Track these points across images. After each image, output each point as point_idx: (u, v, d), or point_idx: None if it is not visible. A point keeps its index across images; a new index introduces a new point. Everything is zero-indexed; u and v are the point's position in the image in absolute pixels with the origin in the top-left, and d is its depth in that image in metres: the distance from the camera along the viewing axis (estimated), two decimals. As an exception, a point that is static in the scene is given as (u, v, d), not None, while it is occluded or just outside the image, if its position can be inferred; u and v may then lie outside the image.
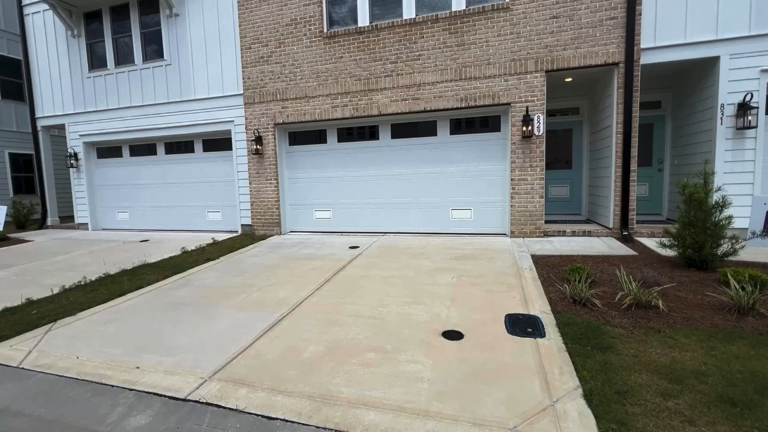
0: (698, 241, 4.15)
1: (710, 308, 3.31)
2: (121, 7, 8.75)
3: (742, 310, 3.16)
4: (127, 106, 8.86)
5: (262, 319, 3.43)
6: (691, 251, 4.25)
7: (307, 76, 7.40)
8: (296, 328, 3.23)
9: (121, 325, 3.48)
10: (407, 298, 3.83)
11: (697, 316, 3.18)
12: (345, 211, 7.68)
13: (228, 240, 7.42)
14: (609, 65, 5.98)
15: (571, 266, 4.12)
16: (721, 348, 2.67)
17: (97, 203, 9.69)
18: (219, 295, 4.17)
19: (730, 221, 4.10)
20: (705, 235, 4.13)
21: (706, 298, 3.50)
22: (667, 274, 4.09)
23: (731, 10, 5.49)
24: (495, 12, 6.30)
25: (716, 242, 4.15)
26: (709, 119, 5.87)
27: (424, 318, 3.33)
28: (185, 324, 3.42)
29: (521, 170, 6.35)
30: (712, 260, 4.20)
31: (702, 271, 4.23)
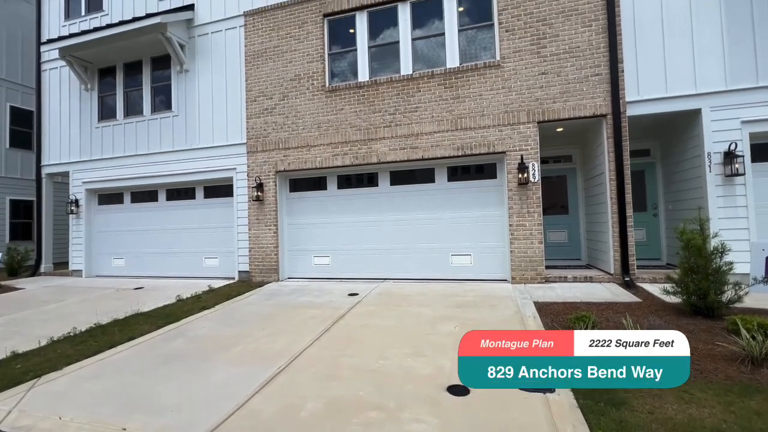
0: (701, 287, 4.12)
1: (722, 359, 3.20)
2: (135, 64, 9.28)
3: (756, 361, 3.06)
4: (132, 155, 9.10)
5: (257, 373, 3.27)
6: (696, 298, 4.20)
7: (309, 126, 7.71)
8: (293, 384, 3.08)
9: (110, 380, 3.30)
10: (409, 349, 3.70)
11: (710, 367, 3.07)
12: (344, 257, 7.64)
13: (224, 287, 7.28)
14: (597, 117, 6.29)
15: (576, 314, 4.04)
16: (739, 403, 2.55)
17: (93, 249, 9.61)
18: (213, 347, 4.02)
19: (730, 267, 4.10)
20: (707, 282, 4.10)
21: (717, 348, 3.40)
22: (673, 322, 4.01)
23: (706, 67, 5.89)
24: (487, 69, 6.72)
25: (719, 289, 4.12)
26: (698, 167, 6.07)
27: (427, 371, 3.20)
28: (177, 380, 3.26)
29: (519, 216, 6.42)
30: (718, 307, 4.14)
31: (708, 318, 4.15)
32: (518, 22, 6.60)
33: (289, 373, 3.27)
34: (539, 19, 6.51)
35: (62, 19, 10.08)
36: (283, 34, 7.96)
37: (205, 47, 8.64)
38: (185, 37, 8.64)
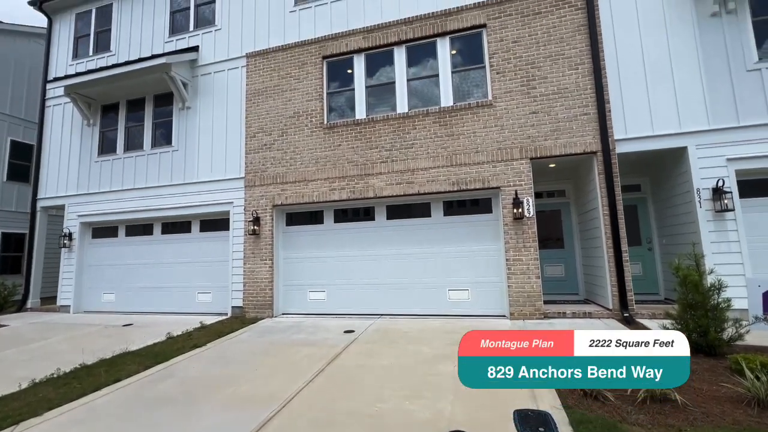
0: (701, 325, 4.08)
1: (728, 401, 3.13)
2: (138, 100, 9.54)
3: (762, 403, 2.98)
4: (130, 188, 9.14)
5: (249, 419, 3.13)
6: (696, 336, 4.15)
7: (307, 161, 7.84)
8: (287, 430, 2.94)
9: (93, 427, 3.14)
10: (407, 391, 3.58)
11: (717, 410, 2.99)
12: (340, 291, 7.53)
13: (217, 324, 7.09)
14: (588, 154, 6.47)
15: (577, 353, 3.95)
16: (749, 450, 2.47)
17: (84, 284, 9.40)
18: (204, 389, 3.86)
19: (729, 304, 4.10)
20: (707, 319, 4.08)
21: (722, 389, 3.32)
22: (676, 361, 3.93)
23: (689, 107, 6.16)
24: (479, 108, 6.98)
25: (720, 326, 4.09)
26: (689, 202, 6.19)
27: (426, 415, 3.08)
28: (165, 426, 3.10)
29: (515, 251, 6.44)
30: (719, 345, 4.09)
31: (710, 356, 4.09)
32: (508, 65, 6.94)
33: (283, 418, 3.13)
34: (528, 62, 6.85)
35: (70, 58, 10.44)
36: (283, 74, 8.28)
37: (208, 85, 8.93)
38: (188, 76, 8.95)
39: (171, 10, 9.60)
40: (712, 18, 6.17)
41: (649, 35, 6.41)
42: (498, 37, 7.05)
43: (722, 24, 6.14)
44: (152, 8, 9.72)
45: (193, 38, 9.21)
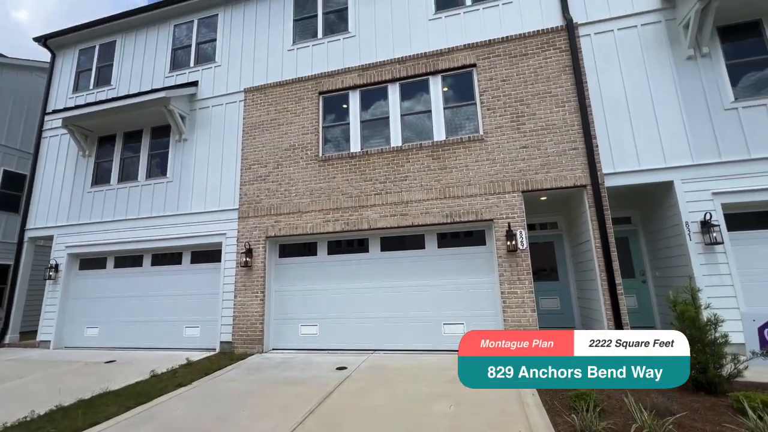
0: (700, 361, 4.02)
1: (733, 443, 3.03)
2: (135, 132, 9.65)
3: (768, 446, 2.89)
4: (122, 219, 9.05)
5: (234, 467, 2.94)
6: (696, 372, 4.08)
7: (302, 193, 7.89)
8: (274, 480, 2.76)
9: (64, 478, 2.92)
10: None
11: (722, 453, 2.89)
12: (333, 325, 7.35)
13: (204, 360, 6.83)
14: (578, 187, 6.60)
15: (576, 392, 3.85)
16: (759, 498, 2.36)
17: (67, 318, 9.08)
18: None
19: (726, 340, 4.06)
20: (705, 355, 4.03)
21: (725, 429, 3.23)
22: (677, 400, 3.83)
23: (672, 143, 6.37)
24: (471, 142, 7.16)
25: (718, 362, 4.03)
26: (679, 235, 6.27)
27: (422, 462, 2.92)
28: (142, 476, 2.90)
29: (510, 283, 6.40)
30: (719, 382, 4.01)
31: (711, 394, 4.00)
32: (498, 102, 7.21)
33: (270, 467, 2.95)
34: (517, 99, 7.12)
35: (71, 91, 10.63)
36: (280, 108, 8.49)
37: (205, 118, 9.10)
38: (187, 110, 9.13)
39: (173, 47, 9.94)
40: (688, 61, 6.53)
41: (631, 76, 6.74)
42: (488, 75, 7.37)
43: (698, 67, 6.49)
44: (155, 45, 10.06)
45: (193, 74, 9.49)
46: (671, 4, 6.75)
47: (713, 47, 6.49)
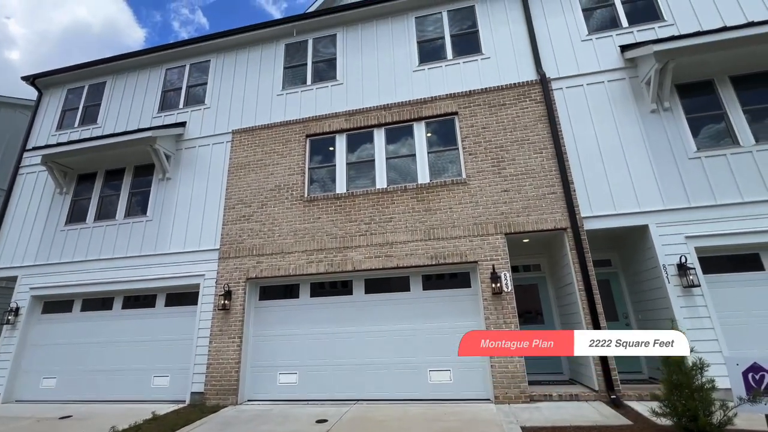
0: (690, 408, 3.95)
1: (732, 499, 2.90)
2: (117, 170, 9.52)
3: (767, 501, 2.78)
4: (95, 259, 8.66)
5: None
6: (686, 420, 3.99)
7: (285, 233, 7.79)
8: None
9: None
10: (386, 497, 3.14)
11: None
12: (313, 373, 6.97)
13: (171, 414, 6.29)
14: (558, 230, 6.76)
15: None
16: None
17: (21, 367, 8.34)
18: (146, 503, 3.26)
19: (713, 385, 4.03)
20: (694, 401, 3.96)
21: (722, 483, 3.10)
22: (671, 451, 3.71)
23: (645, 189, 6.67)
24: (455, 185, 7.35)
25: (708, 409, 3.96)
26: (657, 278, 6.39)
27: None
28: None
29: (496, 327, 6.30)
30: (711, 431, 3.92)
31: (705, 444, 3.88)
32: (479, 148, 7.51)
33: None
34: (497, 145, 7.45)
35: (54, 129, 10.55)
36: (267, 149, 8.61)
37: (191, 158, 9.10)
38: (172, 149, 9.14)
39: (163, 89, 10.14)
40: (653, 114, 7.04)
41: (602, 126, 7.18)
42: (469, 123, 7.73)
43: (662, 119, 6.99)
44: (145, 87, 10.25)
45: (181, 115, 9.62)
46: (633, 63, 7.38)
47: (674, 102, 7.05)
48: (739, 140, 6.61)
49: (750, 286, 6.11)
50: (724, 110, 6.82)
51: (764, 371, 4.13)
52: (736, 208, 6.24)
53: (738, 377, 4.19)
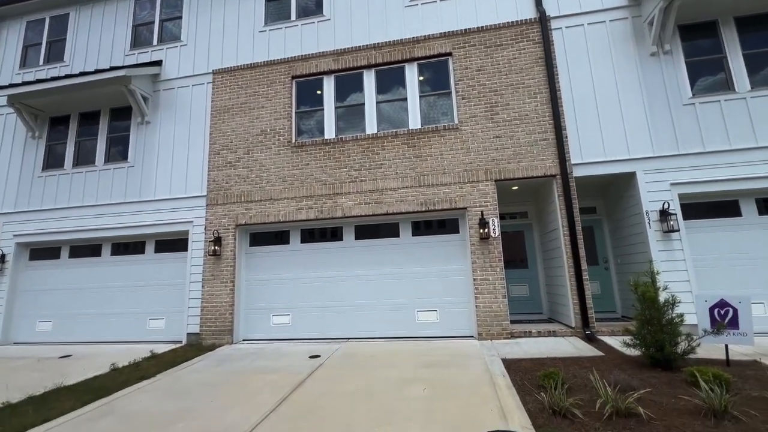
0: (658, 339, 4.26)
1: (687, 413, 3.22)
2: (92, 113, 9.01)
3: (717, 414, 3.09)
4: (78, 206, 8.46)
5: (202, 456, 2.83)
6: (654, 350, 4.32)
7: (274, 180, 7.66)
8: (244, 467, 2.67)
9: (11, 477, 2.70)
10: (376, 417, 3.41)
11: (678, 422, 3.07)
12: (305, 315, 7.23)
13: (169, 352, 6.54)
14: (548, 177, 6.78)
15: (545, 371, 3.98)
16: (711, 461, 2.52)
17: (15, 312, 8.44)
18: (150, 426, 3.48)
19: (682, 319, 4.31)
20: (663, 334, 4.26)
21: (680, 401, 3.43)
22: (637, 376, 4.04)
23: (636, 136, 6.65)
24: (446, 131, 7.19)
25: (674, 340, 4.27)
26: (639, 223, 6.59)
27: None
28: (100, 470, 2.73)
29: (482, 270, 6.52)
30: (675, 359, 4.26)
31: (667, 370, 4.24)
32: (473, 92, 7.25)
33: (240, 454, 2.85)
34: (491, 89, 7.20)
35: (17, 67, 9.77)
36: (251, 92, 8.17)
37: (170, 100, 8.62)
38: (150, 90, 8.61)
39: (134, 23, 9.31)
40: (652, 57, 6.81)
41: (599, 69, 6.96)
42: (463, 65, 7.39)
43: (660, 63, 6.79)
44: (113, 20, 9.39)
45: (156, 52, 8.95)
46: (637, 1, 7.00)
47: (674, 45, 6.80)
48: (735, 86, 6.51)
49: (726, 231, 6.35)
50: (724, 54, 6.63)
51: (729, 307, 4.43)
52: (723, 155, 6.30)
53: (705, 312, 4.50)
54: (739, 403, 3.22)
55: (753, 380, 3.89)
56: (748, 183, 6.18)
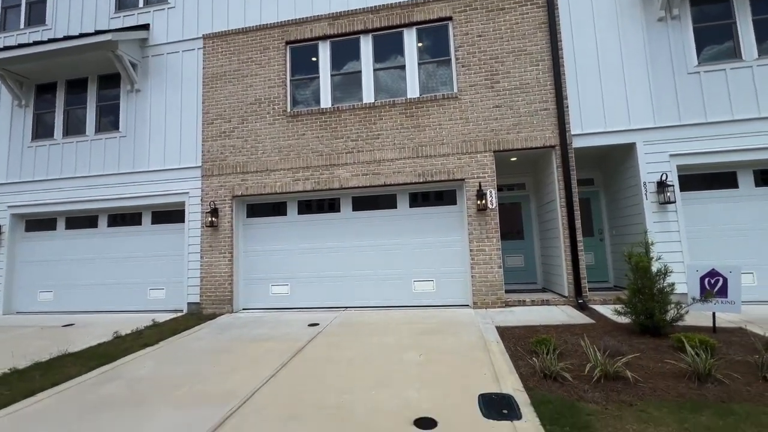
0: (648, 307, 4.37)
1: (672, 376, 3.35)
2: (79, 81, 8.71)
3: (701, 377, 3.22)
4: (71, 177, 8.34)
5: (206, 417, 2.94)
6: (644, 318, 4.44)
7: (269, 150, 7.54)
8: (248, 426, 2.79)
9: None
10: (373, 381, 3.53)
11: (662, 385, 3.20)
12: (304, 285, 7.34)
13: (171, 321, 6.68)
14: (547, 148, 6.71)
15: (537, 338, 4.10)
16: (692, 419, 2.65)
17: (15, 282, 8.51)
18: (154, 390, 3.59)
19: (673, 288, 4.41)
20: (653, 302, 4.36)
21: (666, 365, 3.57)
22: (626, 342, 4.18)
23: (638, 106, 6.54)
24: (445, 100, 7.02)
25: (664, 308, 4.39)
26: (636, 195, 6.60)
27: (393, 405, 3.04)
28: (110, 429, 2.84)
29: (479, 241, 6.57)
30: (663, 326, 4.39)
31: (655, 337, 4.38)
32: (473, 59, 7.03)
33: (243, 415, 2.97)
34: (492, 56, 6.97)
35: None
36: (244, 58, 7.88)
37: (160, 67, 8.32)
38: (138, 56, 8.29)
39: (117, -17, 8.82)
40: (659, 22, 6.58)
41: (604, 35, 6.73)
42: (463, 30, 7.12)
43: (667, 29, 6.56)
44: (95, -20, 8.88)
45: (143, 15, 8.54)
46: (647, -39, 6.67)
47: (683, 10, 6.55)
48: (743, 53, 6.33)
49: (721, 202, 6.39)
50: (734, 19, 6.41)
51: (720, 276, 4.52)
52: (724, 126, 6.23)
53: (695, 281, 4.59)
54: (723, 366, 3.35)
55: (737, 346, 4.03)
56: (748, 154, 6.15)
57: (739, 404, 2.85)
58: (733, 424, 2.58)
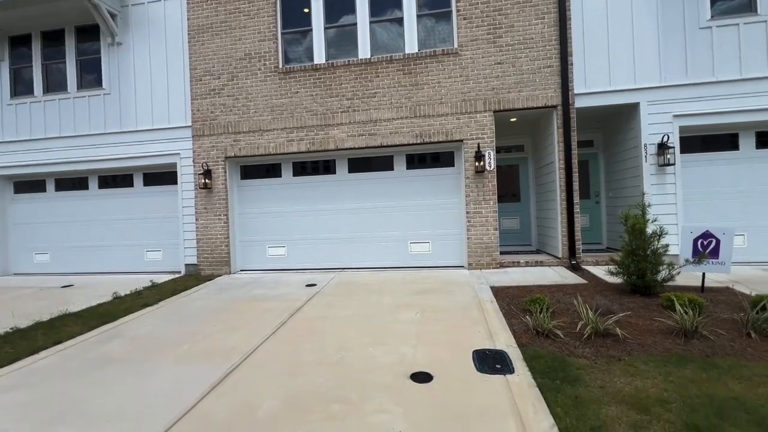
0: (641, 268, 4.44)
1: (660, 333, 3.47)
2: (55, 33, 8.17)
3: (688, 334, 3.34)
4: (55, 137, 8.05)
5: (208, 372, 3.03)
6: (635, 278, 4.53)
7: (262, 109, 7.26)
8: (249, 381, 2.88)
9: (31, 391, 2.89)
10: (370, 338, 3.63)
11: (650, 341, 3.31)
12: (301, 246, 7.37)
13: (169, 282, 6.74)
14: (548, 107, 6.52)
15: (530, 297, 4.19)
16: (676, 373, 2.76)
17: (10, 244, 8.47)
18: (156, 347, 3.67)
19: (666, 249, 4.46)
20: (646, 263, 4.43)
21: (655, 323, 3.68)
22: (617, 301, 4.29)
23: (644, 62, 6.30)
24: (445, 56, 6.70)
25: (656, 269, 4.47)
26: (636, 157, 6.53)
27: (389, 360, 3.14)
28: (114, 385, 2.92)
29: (476, 204, 6.55)
30: (654, 286, 4.50)
31: (646, 296, 4.50)
32: (475, 11, 6.63)
33: (245, 371, 3.06)
34: (495, 8, 6.58)
35: (-40, -25, 8.57)
36: (231, 8, 7.38)
37: (141, 18, 7.79)
38: (117, 6, 7.72)
39: None
40: (674, -29, 6.18)
41: (615, -15, 6.34)
42: (466, -22, 6.65)
43: (682, -22, 6.18)
44: None
45: (118, -42, 7.85)
46: None
47: (700, -43, 6.14)
48: (758, 7, 6.02)
49: (720, 165, 6.36)
50: (754, -33, 6.02)
51: (713, 238, 4.57)
52: (732, 86, 6.05)
53: (689, 243, 4.64)
54: (709, 324, 3.46)
55: (724, 304, 4.15)
56: (753, 115, 6.03)
57: (723, 359, 2.97)
58: (715, 376, 2.70)
